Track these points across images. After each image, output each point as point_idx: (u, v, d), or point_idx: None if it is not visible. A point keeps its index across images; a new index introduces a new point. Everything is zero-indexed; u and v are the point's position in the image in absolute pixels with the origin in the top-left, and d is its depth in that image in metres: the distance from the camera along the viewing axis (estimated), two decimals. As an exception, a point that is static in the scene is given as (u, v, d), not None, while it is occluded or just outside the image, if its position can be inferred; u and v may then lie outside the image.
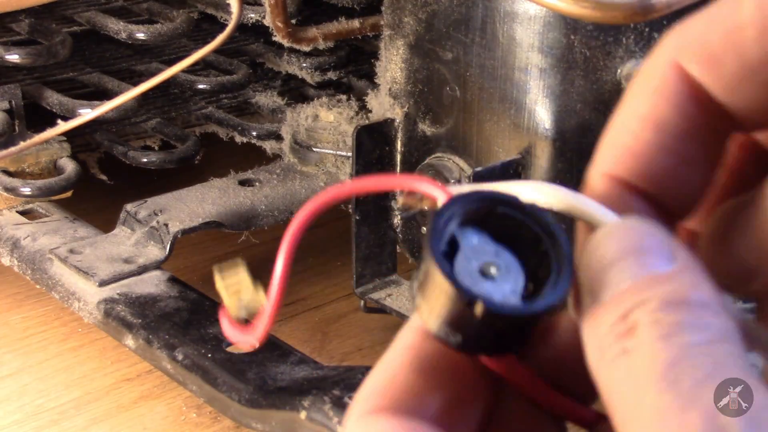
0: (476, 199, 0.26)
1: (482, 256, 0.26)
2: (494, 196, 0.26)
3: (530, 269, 0.26)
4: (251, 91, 0.95)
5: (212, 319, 0.65)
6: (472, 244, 0.26)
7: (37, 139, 0.75)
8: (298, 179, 0.81)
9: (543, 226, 0.26)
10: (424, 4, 0.65)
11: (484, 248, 0.26)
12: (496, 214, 0.26)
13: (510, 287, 0.25)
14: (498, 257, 0.26)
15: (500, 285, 0.25)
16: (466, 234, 0.26)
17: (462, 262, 0.25)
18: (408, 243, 0.72)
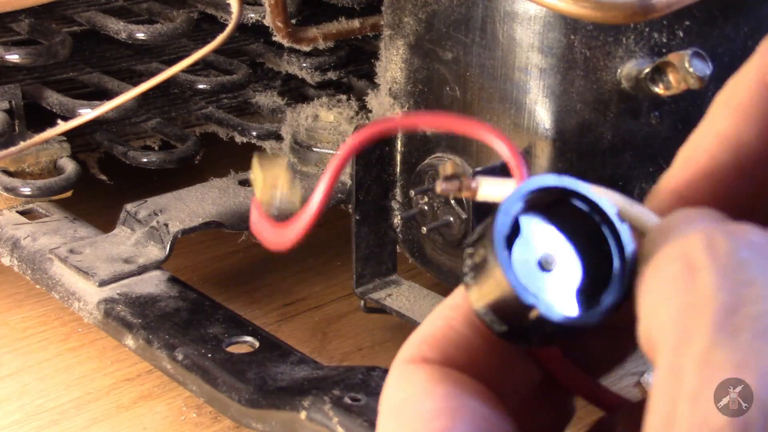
0: (547, 187, 0.25)
1: (543, 247, 0.25)
2: (566, 185, 0.25)
3: (590, 266, 0.25)
4: (251, 91, 0.95)
5: (212, 319, 0.65)
6: (534, 232, 0.25)
7: (37, 139, 0.75)
8: (298, 179, 0.81)
9: (609, 224, 0.25)
10: (424, 4, 0.65)
11: (546, 238, 0.25)
12: (564, 205, 0.26)
13: (567, 285, 0.25)
14: (558, 249, 0.25)
15: (557, 281, 0.25)
16: (530, 220, 0.25)
17: (521, 249, 0.25)
18: (408, 243, 0.72)
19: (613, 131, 0.59)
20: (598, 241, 0.26)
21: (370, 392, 0.56)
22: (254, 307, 0.79)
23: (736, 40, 0.59)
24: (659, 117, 0.59)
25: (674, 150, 0.28)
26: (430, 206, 0.66)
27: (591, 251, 0.26)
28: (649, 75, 0.56)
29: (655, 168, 0.60)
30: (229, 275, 0.84)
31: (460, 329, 0.26)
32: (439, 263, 0.70)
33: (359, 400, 0.55)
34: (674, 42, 0.58)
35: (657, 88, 0.56)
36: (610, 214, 0.25)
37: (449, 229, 0.66)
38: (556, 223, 0.26)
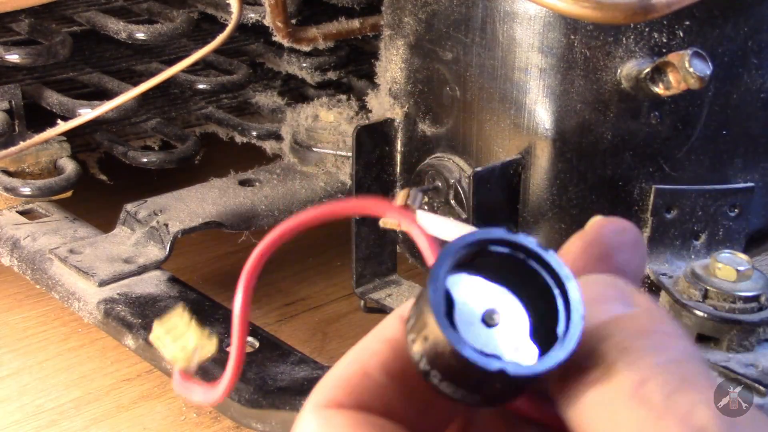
0: (463, 245, 0.25)
1: (481, 303, 0.25)
2: (480, 237, 0.25)
3: (532, 303, 0.25)
4: (251, 91, 0.95)
5: (212, 319, 0.65)
6: (468, 292, 0.25)
7: (37, 139, 0.75)
8: (298, 179, 0.81)
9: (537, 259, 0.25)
10: (424, 4, 0.65)
11: (482, 293, 0.25)
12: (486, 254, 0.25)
13: (519, 332, 0.25)
14: (497, 300, 0.25)
15: (508, 332, 0.25)
16: (460, 280, 0.25)
17: (461, 315, 0.25)
18: (408, 243, 0.72)
19: (613, 131, 0.59)
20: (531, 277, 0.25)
21: (370, 392, 0.56)
22: (254, 307, 0.79)
23: (736, 40, 0.59)
24: (659, 117, 0.59)
25: (674, 150, 0.28)
26: (430, 206, 0.66)
27: (528, 290, 0.25)
28: (649, 75, 0.56)
29: (655, 168, 0.60)
30: (229, 275, 0.84)
31: (375, 375, 0.26)
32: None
33: (359, 400, 0.55)
34: (674, 42, 0.58)
35: (657, 88, 0.56)
36: (531, 247, 0.25)
37: (449, 229, 0.66)
38: (487, 275, 0.25)
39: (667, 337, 0.24)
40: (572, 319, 0.24)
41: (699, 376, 0.23)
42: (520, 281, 0.25)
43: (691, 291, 0.56)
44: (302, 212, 0.28)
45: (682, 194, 0.60)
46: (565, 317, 0.25)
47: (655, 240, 0.61)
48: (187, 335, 0.29)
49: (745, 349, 0.55)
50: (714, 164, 0.61)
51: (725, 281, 0.55)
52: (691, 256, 0.61)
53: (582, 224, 0.29)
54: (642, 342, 0.24)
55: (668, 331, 0.25)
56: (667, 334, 0.25)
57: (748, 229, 0.62)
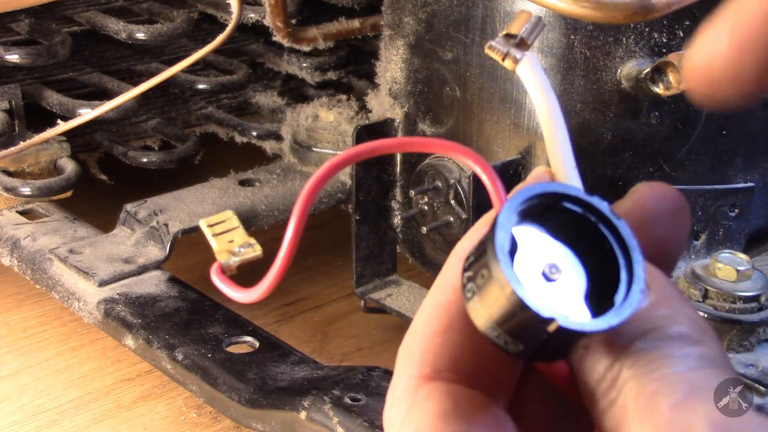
0: (537, 195, 0.25)
1: (543, 257, 0.25)
2: (555, 190, 0.25)
3: (593, 267, 0.25)
4: (251, 91, 0.95)
5: (212, 319, 0.65)
6: (532, 243, 0.25)
7: (37, 139, 0.75)
8: (298, 179, 0.81)
9: (606, 222, 0.25)
10: (424, 4, 0.65)
11: (545, 247, 0.25)
12: (557, 210, 0.25)
13: (574, 291, 0.25)
14: (559, 257, 0.25)
15: (564, 289, 0.25)
16: (525, 231, 0.25)
17: (523, 263, 0.25)
18: (408, 243, 0.72)
19: (613, 131, 0.59)
20: (597, 241, 0.25)
21: (370, 392, 0.56)
22: (254, 307, 0.79)
23: (736, 40, 0.59)
24: (659, 117, 0.59)
25: (674, 150, 0.28)
26: (430, 206, 0.66)
27: (592, 253, 0.25)
28: (649, 75, 0.56)
29: (655, 168, 0.60)
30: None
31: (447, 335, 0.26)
32: (439, 263, 0.70)
33: (359, 400, 0.55)
34: (674, 42, 0.58)
35: (657, 88, 0.56)
36: (605, 211, 0.25)
37: (449, 229, 0.66)
38: (552, 230, 0.25)
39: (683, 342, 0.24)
40: (632, 290, 0.24)
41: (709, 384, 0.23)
42: (586, 242, 0.25)
43: (691, 291, 0.56)
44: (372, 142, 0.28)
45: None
46: (625, 287, 0.24)
47: (655, 240, 0.61)
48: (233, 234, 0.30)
49: (745, 349, 0.55)
50: (714, 164, 0.61)
51: (725, 281, 0.55)
52: (691, 256, 0.61)
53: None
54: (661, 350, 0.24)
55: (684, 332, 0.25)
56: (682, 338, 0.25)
57: (748, 229, 0.62)
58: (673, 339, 0.24)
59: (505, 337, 0.24)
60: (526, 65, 0.28)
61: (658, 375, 0.24)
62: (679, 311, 0.25)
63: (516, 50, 0.28)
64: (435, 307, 0.27)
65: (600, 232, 0.25)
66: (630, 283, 0.24)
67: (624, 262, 0.25)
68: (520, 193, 0.25)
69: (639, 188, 0.29)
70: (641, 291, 0.24)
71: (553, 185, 0.25)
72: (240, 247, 0.30)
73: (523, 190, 0.25)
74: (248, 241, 0.30)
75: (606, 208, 0.25)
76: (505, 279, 0.23)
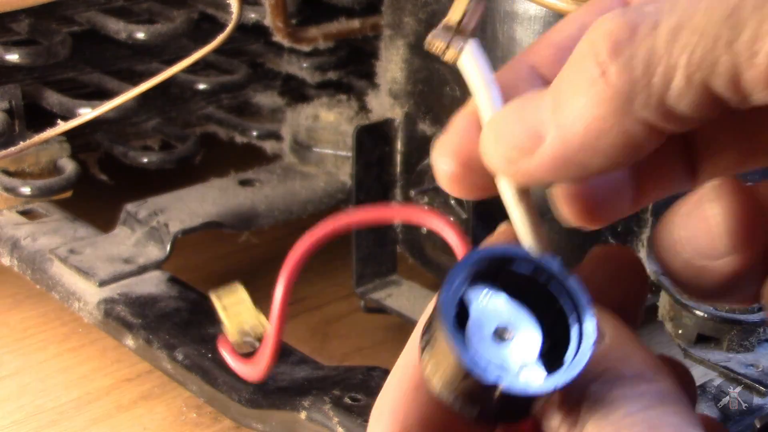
0: (485, 257, 0.25)
1: (495, 317, 0.25)
2: (504, 253, 0.25)
3: (547, 325, 0.25)
4: (251, 91, 0.94)
5: (212, 319, 0.65)
6: (485, 305, 0.25)
7: (37, 139, 0.75)
8: (298, 179, 0.81)
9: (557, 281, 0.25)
10: (424, 4, 0.65)
11: (498, 307, 0.25)
12: (508, 270, 0.25)
13: (529, 351, 0.25)
14: (513, 316, 0.25)
15: (518, 349, 0.25)
16: (478, 293, 0.25)
17: (475, 325, 0.25)
18: (408, 243, 0.72)
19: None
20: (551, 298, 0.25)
21: (370, 392, 0.56)
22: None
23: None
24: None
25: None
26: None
27: (546, 310, 0.25)
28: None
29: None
30: (229, 275, 0.84)
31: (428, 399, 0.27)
32: (439, 263, 0.70)
33: (359, 400, 0.55)
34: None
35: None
36: (553, 270, 0.25)
37: (449, 229, 0.66)
38: (506, 289, 0.25)
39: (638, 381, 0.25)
40: (581, 348, 0.24)
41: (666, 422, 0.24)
42: (539, 301, 0.25)
43: (691, 291, 0.55)
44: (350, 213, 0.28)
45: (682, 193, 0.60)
46: (576, 345, 0.24)
47: (655, 240, 0.61)
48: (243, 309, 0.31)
49: (745, 349, 0.55)
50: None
51: (725, 281, 0.55)
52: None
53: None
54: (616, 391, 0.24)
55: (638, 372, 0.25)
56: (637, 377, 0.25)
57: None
58: (627, 379, 0.25)
59: (461, 401, 0.24)
60: (467, 56, 0.27)
61: (615, 417, 0.24)
62: (632, 352, 0.26)
63: (457, 40, 0.27)
64: (405, 368, 0.28)
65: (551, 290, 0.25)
66: (580, 340, 0.24)
67: (575, 319, 0.25)
68: (469, 257, 0.25)
69: (596, 252, 0.29)
70: (590, 348, 0.24)
71: (501, 248, 0.25)
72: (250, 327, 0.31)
73: (471, 255, 0.25)
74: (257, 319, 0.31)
75: (555, 267, 0.25)
76: (449, 344, 0.24)
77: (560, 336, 0.25)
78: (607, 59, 0.24)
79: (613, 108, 0.24)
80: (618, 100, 0.24)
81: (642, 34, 0.23)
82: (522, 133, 0.25)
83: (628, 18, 0.24)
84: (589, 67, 0.24)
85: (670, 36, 0.23)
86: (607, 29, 0.24)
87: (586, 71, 0.24)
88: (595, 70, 0.24)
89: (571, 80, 0.25)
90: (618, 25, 0.24)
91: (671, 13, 0.23)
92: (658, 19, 0.23)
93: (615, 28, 0.24)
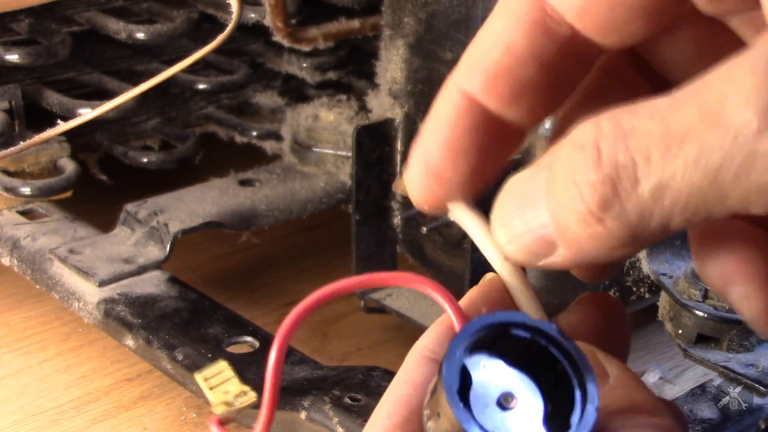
0: (484, 326, 0.26)
1: (498, 386, 0.25)
2: (501, 320, 0.26)
3: (549, 389, 0.26)
4: (251, 91, 0.94)
5: (212, 319, 0.65)
6: (486, 373, 0.25)
7: (37, 139, 0.75)
8: (298, 179, 0.81)
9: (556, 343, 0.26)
10: (424, 4, 0.65)
11: (499, 375, 0.26)
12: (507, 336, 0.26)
13: (532, 417, 0.25)
14: (514, 383, 0.25)
15: (521, 416, 0.25)
16: (479, 361, 0.26)
17: (477, 394, 0.25)
18: (408, 243, 0.72)
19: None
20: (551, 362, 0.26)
21: (370, 392, 0.56)
22: (254, 307, 0.79)
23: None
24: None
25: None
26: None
27: (547, 375, 0.26)
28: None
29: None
30: (229, 275, 0.84)
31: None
32: (439, 263, 0.70)
33: (359, 400, 0.55)
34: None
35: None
36: (552, 334, 0.26)
37: (449, 229, 0.66)
38: (506, 357, 0.26)
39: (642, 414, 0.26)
40: (586, 411, 0.25)
41: None
42: (539, 366, 0.26)
43: (691, 291, 0.56)
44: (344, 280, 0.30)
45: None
46: (580, 407, 0.25)
47: (655, 240, 0.61)
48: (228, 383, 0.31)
49: (745, 349, 0.55)
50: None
51: (725, 281, 0.55)
52: (692, 257, 0.61)
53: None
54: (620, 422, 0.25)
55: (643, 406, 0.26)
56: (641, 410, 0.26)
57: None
58: (628, 412, 0.25)
59: None
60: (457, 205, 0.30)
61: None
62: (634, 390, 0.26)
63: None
64: (395, 401, 0.28)
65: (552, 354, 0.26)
66: (584, 403, 0.25)
67: (577, 382, 0.25)
68: (468, 327, 0.26)
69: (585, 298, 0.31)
70: (595, 410, 0.25)
71: (499, 315, 0.26)
72: (236, 397, 0.31)
73: (470, 324, 0.26)
74: (242, 389, 0.31)
75: (554, 331, 0.26)
76: (456, 417, 0.24)
77: (562, 398, 0.25)
78: (598, 212, 0.24)
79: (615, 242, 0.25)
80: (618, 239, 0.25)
81: (626, 191, 0.24)
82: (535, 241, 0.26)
83: (604, 172, 0.24)
84: (585, 217, 0.25)
85: (655, 194, 0.23)
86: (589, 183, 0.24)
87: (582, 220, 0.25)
88: (591, 218, 0.25)
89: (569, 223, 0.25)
90: (598, 179, 0.24)
91: (647, 170, 0.23)
92: (636, 176, 0.23)
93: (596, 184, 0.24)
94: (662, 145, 0.23)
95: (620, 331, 0.30)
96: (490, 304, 0.29)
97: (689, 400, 0.57)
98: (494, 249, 0.29)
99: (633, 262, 0.63)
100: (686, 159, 0.22)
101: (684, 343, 0.55)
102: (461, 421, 0.24)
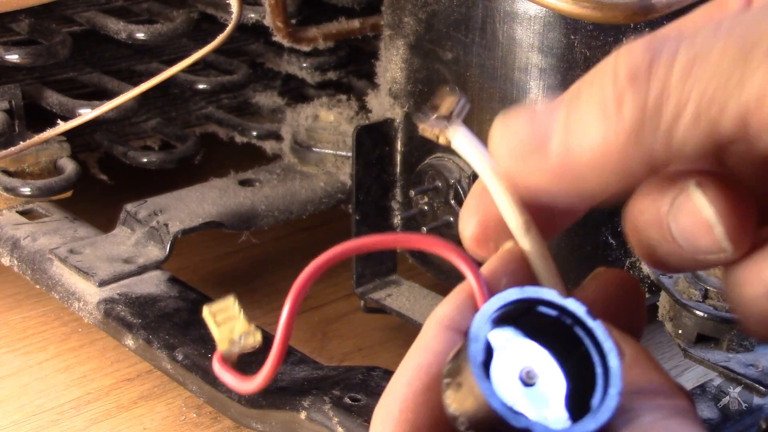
0: (511, 302, 0.26)
1: (521, 361, 0.25)
2: (529, 296, 0.26)
3: (572, 368, 0.25)
4: (251, 91, 0.95)
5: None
6: (509, 347, 0.25)
7: (37, 139, 0.75)
8: (298, 179, 0.81)
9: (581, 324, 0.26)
10: (424, 4, 0.65)
11: (522, 351, 0.25)
12: (533, 313, 0.26)
13: (554, 395, 0.25)
14: (537, 360, 0.25)
15: (543, 393, 0.25)
16: (503, 335, 0.25)
17: (500, 369, 0.25)
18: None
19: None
20: (575, 342, 0.25)
21: (370, 392, 0.56)
22: (254, 307, 0.79)
23: (736, 40, 0.59)
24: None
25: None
26: (430, 206, 0.66)
27: (570, 354, 0.25)
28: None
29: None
30: (229, 275, 0.84)
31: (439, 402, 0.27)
32: (439, 263, 0.70)
33: (359, 400, 0.55)
34: (674, 42, 0.58)
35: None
36: (579, 315, 0.26)
37: (449, 229, 0.66)
38: (530, 333, 0.26)
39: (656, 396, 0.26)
40: (608, 393, 0.24)
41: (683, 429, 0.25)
42: (563, 345, 0.26)
43: (691, 291, 0.56)
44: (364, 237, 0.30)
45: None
46: (601, 389, 0.25)
47: (655, 240, 0.61)
48: (235, 322, 0.31)
49: (745, 349, 0.55)
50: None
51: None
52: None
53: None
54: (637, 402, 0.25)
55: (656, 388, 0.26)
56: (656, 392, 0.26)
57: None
58: (646, 392, 0.25)
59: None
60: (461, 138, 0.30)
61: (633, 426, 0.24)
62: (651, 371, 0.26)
63: (447, 128, 0.31)
64: (415, 369, 0.28)
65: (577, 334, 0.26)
66: (606, 386, 0.25)
67: (600, 364, 0.25)
68: (494, 301, 0.25)
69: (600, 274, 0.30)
70: (617, 394, 0.24)
71: (527, 290, 0.26)
72: (240, 335, 0.31)
73: (497, 298, 0.26)
74: (248, 329, 0.31)
75: (581, 311, 0.26)
76: (479, 388, 0.24)
77: (584, 378, 0.25)
78: (625, 84, 0.25)
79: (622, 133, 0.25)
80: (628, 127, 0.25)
81: (659, 64, 0.24)
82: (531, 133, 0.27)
83: (651, 45, 0.25)
84: (607, 87, 0.25)
85: (684, 69, 0.24)
86: (630, 53, 0.25)
87: (603, 92, 0.25)
88: (612, 93, 0.25)
89: (588, 97, 0.26)
90: (641, 51, 0.25)
91: (690, 45, 0.24)
92: (678, 49, 0.24)
93: (638, 53, 0.25)
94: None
95: (636, 309, 0.30)
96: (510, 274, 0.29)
97: (689, 400, 0.57)
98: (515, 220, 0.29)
99: (633, 262, 0.63)
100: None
101: (684, 343, 0.56)
102: (486, 395, 0.24)
